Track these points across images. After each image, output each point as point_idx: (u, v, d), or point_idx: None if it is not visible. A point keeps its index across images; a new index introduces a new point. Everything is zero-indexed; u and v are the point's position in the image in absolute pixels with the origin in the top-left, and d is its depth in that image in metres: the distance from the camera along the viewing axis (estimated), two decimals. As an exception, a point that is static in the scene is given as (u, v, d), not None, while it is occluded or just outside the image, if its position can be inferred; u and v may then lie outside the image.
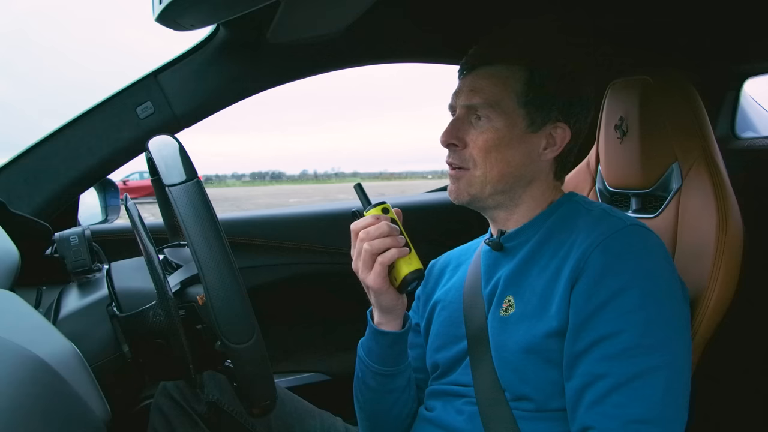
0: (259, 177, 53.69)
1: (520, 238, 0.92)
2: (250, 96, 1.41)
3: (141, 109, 1.32)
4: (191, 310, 0.79)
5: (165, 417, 1.02)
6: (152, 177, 0.89)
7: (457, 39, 1.39)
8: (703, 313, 0.90)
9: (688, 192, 1.00)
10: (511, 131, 0.87)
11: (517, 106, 0.87)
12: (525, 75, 0.88)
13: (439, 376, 0.98)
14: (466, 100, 0.90)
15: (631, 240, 0.81)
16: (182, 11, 0.91)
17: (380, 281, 0.86)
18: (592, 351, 0.77)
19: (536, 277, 0.86)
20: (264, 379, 0.72)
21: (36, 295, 0.95)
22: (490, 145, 0.87)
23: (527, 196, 0.92)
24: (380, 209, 0.89)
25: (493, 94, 0.87)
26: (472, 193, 0.90)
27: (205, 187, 0.72)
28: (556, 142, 0.90)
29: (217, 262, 0.67)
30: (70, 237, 0.92)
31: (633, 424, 0.73)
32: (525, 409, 0.84)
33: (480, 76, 0.89)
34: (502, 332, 0.87)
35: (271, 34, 1.27)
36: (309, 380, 1.64)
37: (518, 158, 0.88)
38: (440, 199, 1.85)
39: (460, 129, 0.90)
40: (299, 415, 1.09)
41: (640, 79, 1.06)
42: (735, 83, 1.66)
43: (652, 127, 1.03)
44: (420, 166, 67.82)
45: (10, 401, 0.49)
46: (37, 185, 1.29)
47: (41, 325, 0.69)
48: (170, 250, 0.95)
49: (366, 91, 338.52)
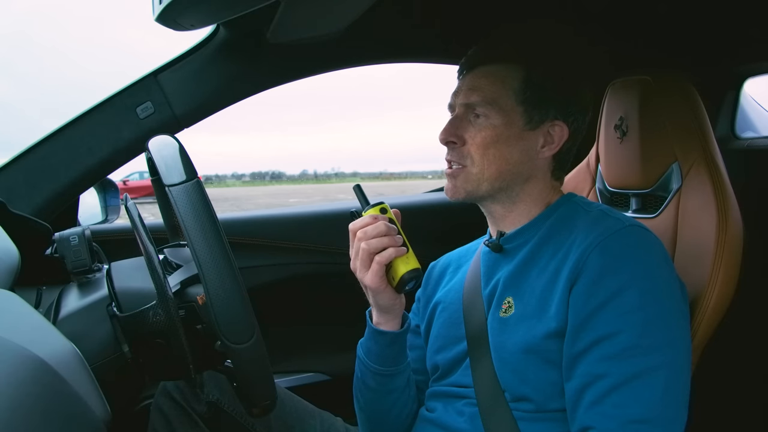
0: (259, 177, 53.70)
1: (519, 240, 0.92)
2: (250, 96, 1.41)
3: (141, 109, 1.32)
4: (191, 310, 0.79)
5: (165, 417, 1.02)
6: (152, 177, 0.89)
7: (457, 39, 1.39)
8: (703, 313, 0.90)
9: (688, 192, 1.00)
10: (508, 128, 0.88)
11: (515, 104, 0.88)
12: (523, 73, 0.88)
13: (440, 378, 0.98)
14: (465, 99, 0.90)
15: (629, 240, 0.81)
16: (182, 11, 0.92)
17: (378, 280, 0.87)
18: (592, 351, 0.77)
19: (536, 278, 0.86)
20: (264, 379, 0.72)
21: (36, 295, 0.95)
22: (488, 142, 0.88)
23: (525, 195, 0.92)
24: (378, 209, 0.89)
25: (491, 92, 0.88)
26: (468, 190, 0.91)
27: (205, 187, 0.72)
28: (554, 140, 0.90)
29: (217, 262, 0.67)
30: (70, 237, 0.92)
31: (632, 424, 0.73)
32: (525, 410, 0.84)
33: (478, 75, 0.90)
34: (501, 333, 0.87)
35: (271, 34, 1.27)
36: (309, 380, 1.64)
37: (516, 155, 0.89)
38: (440, 199, 1.85)
39: (459, 127, 0.90)
40: (299, 415, 1.09)
41: (640, 79, 1.06)
42: (735, 83, 1.65)
43: (652, 127, 1.03)
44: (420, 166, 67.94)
45: (10, 401, 0.49)
46: (37, 185, 1.29)
47: (41, 325, 0.69)
48: (170, 250, 0.95)
49: (366, 91, 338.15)
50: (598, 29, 1.49)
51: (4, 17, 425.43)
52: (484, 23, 1.42)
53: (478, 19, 1.42)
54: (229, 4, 0.95)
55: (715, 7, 1.33)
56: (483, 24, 1.41)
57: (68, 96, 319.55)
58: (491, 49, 0.91)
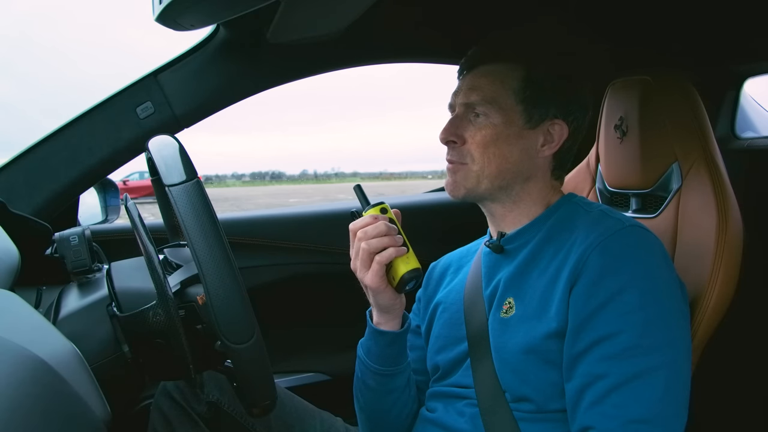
0: (259, 177, 53.69)
1: (520, 240, 0.92)
2: (250, 96, 1.41)
3: (141, 109, 1.32)
4: (191, 310, 0.79)
5: (165, 417, 1.02)
6: (152, 177, 0.89)
7: (458, 39, 1.39)
8: (703, 313, 0.90)
9: (688, 192, 1.00)
10: (508, 127, 0.88)
11: (515, 103, 0.88)
12: (522, 73, 0.88)
13: (440, 378, 0.98)
14: (465, 98, 0.91)
15: (629, 241, 0.81)
16: (182, 11, 0.91)
17: (377, 280, 0.87)
18: (592, 351, 0.77)
19: (536, 278, 0.86)
20: (264, 379, 0.72)
21: (36, 295, 0.95)
22: (488, 141, 0.88)
23: (525, 194, 0.92)
24: (378, 209, 0.89)
25: (491, 92, 0.88)
26: (468, 187, 0.91)
27: (205, 187, 0.72)
28: (554, 139, 0.90)
29: (217, 262, 0.67)
30: (70, 237, 0.92)
31: (632, 424, 0.73)
32: (525, 411, 0.84)
33: (478, 74, 0.91)
34: (502, 333, 0.87)
35: (271, 34, 1.27)
36: (309, 380, 1.64)
37: (516, 154, 0.89)
38: (440, 199, 1.85)
39: (459, 126, 0.90)
40: (299, 415, 1.09)
41: (640, 79, 1.06)
42: (735, 83, 1.65)
43: (652, 127, 1.03)
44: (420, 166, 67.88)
45: (10, 401, 0.49)
46: (37, 185, 1.29)
47: (41, 325, 0.69)
48: (170, 250, 0.95)
49: (367, 91, 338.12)
50: (599, 29, 1.49)
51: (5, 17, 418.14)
52: (484, 23, 1.42)
53: (479, 19, 1.42)
54: (229, 4, 0.94)
55: (715, 7, 1.33)
56: (483, 24, 1.41)
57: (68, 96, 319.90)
58: (491, 49, 0.92)
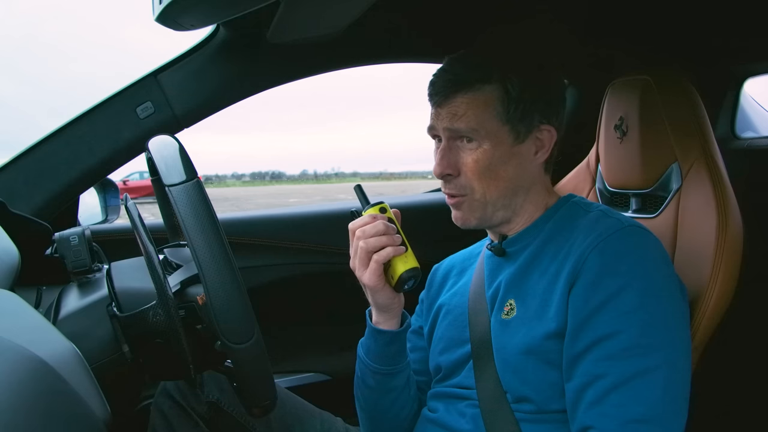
0: (259, 177, 53.68)
1: (521, 243, 0.92)
2: (251, 96, 1.41)
3: (141, 109, 1.32)
4: (191, 310, 0.79)
5: (165, 417, 1.02)
6: (152, 177, 0.89)
7: (458, 39, 1.39)
8: (703, 313, 0.89)
9: (688, 192, 1.00)
10: (499, 148, 0.87)
11: (501, 124, 0.87)
12: (501, 93, 0.87)
13: (442, 379, 0.98)
14: (449, 124, 0.88)
15: (628, 241, 0.81)
16: (182, 11, 0.91)
17: (375, 279, 0.87)
18: (591, 351, 0.77)
19: (537, 279, 0.86)
20: (264, 379, 0.72)
21: (36, 295, 0.95)
22: (482, 168, 0.87)
23: (527, 203, 0.92)
24: (378, 209, 0.90)
25: (475, 118, 0.87)
26: (478, 217, 0.91)
27: (205, 187, 0.72)
28: (545, 144, 0.90)
29: (217, 262, 0.67)
30: (70, 237, 0.92)
31: (632, 424, 0.73)
32: (526, 411, 0.84)
33: (458, 102, 0.88)
34: (503, 335, 0.87)
35: (271, 34, 1.27)
36: (309, 380, 1.64)
37: (512, 171, 0.89)
38: (440, 199, 1.84)
39: (451, 156, 0.90)
40: (299, 415, 1.09)
41: (640, 79, 1.06)
42: (735, 83, 1.65)
43: (652, 127, 1.03)
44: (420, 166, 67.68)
45: (10, 401, 0.49)
46: (37, 185, 1.29)
47: (41, 325, 0.69)
48: (170, 250, 0.95)
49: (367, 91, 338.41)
50: (598, 29, 1.49)
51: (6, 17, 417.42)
52: (484, 23, 1.42)
53: (479, 19, 1.42)
54: (229, 4, 0.94)
55: (714, 7, 1.33)
56: (483, 24, 1.41)
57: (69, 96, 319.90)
58: (465, 76, 0.88)
